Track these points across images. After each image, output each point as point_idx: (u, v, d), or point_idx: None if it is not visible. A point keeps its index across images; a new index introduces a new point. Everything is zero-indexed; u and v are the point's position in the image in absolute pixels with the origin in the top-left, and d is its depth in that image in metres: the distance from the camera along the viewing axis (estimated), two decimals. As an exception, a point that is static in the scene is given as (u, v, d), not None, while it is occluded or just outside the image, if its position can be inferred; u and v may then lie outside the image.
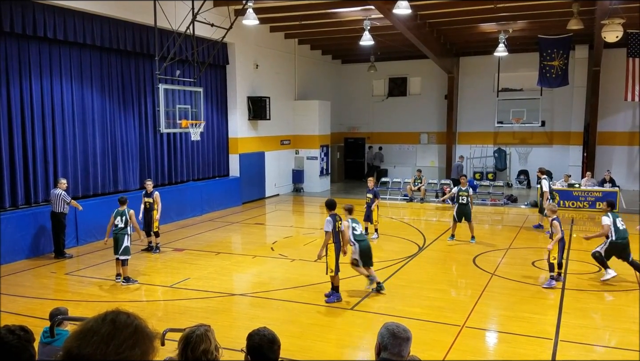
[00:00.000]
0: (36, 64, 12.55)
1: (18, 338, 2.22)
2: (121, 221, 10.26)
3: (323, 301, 9.01)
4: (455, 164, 21.74)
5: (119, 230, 10.23)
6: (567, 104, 23.34)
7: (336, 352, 7.27)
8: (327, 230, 8.77)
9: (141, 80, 15.65)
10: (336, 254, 8.85)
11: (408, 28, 16.75)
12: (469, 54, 24.82)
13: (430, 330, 7.79)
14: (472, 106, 25.14)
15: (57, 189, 12.00)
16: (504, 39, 19.55)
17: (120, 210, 10.38)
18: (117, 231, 10.24)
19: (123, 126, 15.16)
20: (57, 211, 11.98)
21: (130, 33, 14.62)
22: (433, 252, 12.84)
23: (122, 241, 10.16)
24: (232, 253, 13.22)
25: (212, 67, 18.01)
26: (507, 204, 19.53)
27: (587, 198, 18.39)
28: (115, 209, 10.46)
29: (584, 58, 22.74)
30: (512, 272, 10.90)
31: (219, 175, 19.31)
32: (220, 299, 9.40)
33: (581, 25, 16.05)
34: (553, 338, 7.54)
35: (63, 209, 12.01)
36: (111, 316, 1.59)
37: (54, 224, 12.09)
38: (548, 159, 23.63)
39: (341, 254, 8.98)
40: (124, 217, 10.29)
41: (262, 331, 3.32)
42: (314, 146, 23.05)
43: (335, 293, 9.07)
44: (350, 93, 27.50)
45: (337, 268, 8.93)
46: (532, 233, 14.96)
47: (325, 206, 9.09)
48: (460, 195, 13.60)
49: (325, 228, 8.82)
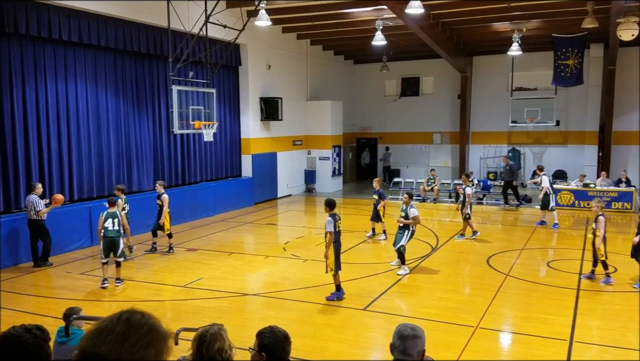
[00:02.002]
0: (51, 66, 12.69)
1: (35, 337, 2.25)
2: (113, 224, 9.91)
3: (336, 302, 9.01)
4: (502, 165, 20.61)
5: (115, 232, 9.93)
6: (582, 103, 23.09)
7: (349, 352, 7.25)
8: (329, 230, 8.83)
9: (155, 81, 15.77)
10: (336, 254, 8.91)
11: (421, 28, 16.67)
12: (483, 53, 24.64)
13: (443, 331, 7.75)
14: (485, 106, 24.96)
15: (32, 195, 11.20)
16: (518, 38, 19.39)
17: (111, 212, 10.01)
18: (113, 234, 9.91)
19: (137, 127, 15.28)
20: (34, 218, 11.15)
21: (144, 35, 14.74)
22: (446, 252, 12.77)
23: (119, 243, 10.00)
24: (245, 253, 13.25)
25: (224, 69, 18.09)
26: (521, 204, 19.35)
27: (602, 198, 18.14)
28: (104, 211, 10.07)
29: (599, 57, 22.47)
30: (526, 273, 10.81)
31: (231, 176, 19.38)
32: (232, 299, 9.43)
33: (596, 24, 15.88)
34: (568, 339, 7.47)
35: (38, 215, 11.16)
36: (126, 315, 1.60)
37: (32, 232, 11.25)
38: (563, 158, 23.41)
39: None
40: (116, 219, 9.96)
41: (273, 329, 3.29)
42: (326, 147, 23.05)
43: (336, 292, 9.11)
44: (362, 93, 27.45)
45: (338, 267, 8.98)
46: (547, 233, 14.83)
47: (326, 205, 9.11)
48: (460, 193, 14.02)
49: (327, 229, 8.87)
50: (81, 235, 12.93)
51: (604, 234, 9.80)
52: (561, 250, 13.31)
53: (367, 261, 12.10)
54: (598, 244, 9.85)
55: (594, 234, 10.02)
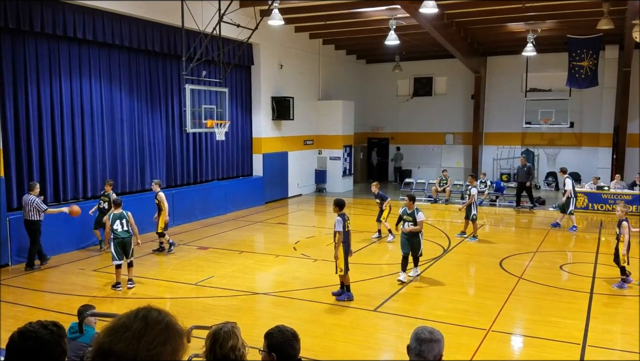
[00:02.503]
0: (66, 64, 12.79)
1: (51, 333, 2.26)
2: (122, 225, 9.65)
3: (346, 302, 8.99)
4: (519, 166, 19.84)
5: (125, 233, 9.67)
6: (597, 105, 22.86)
7: (359, 353, 7.23)
8: (338, 230, 8.83)
9: (168, 80, 15.84)
10: (345, 254, 8.92)
11: (434, 27, 16.60)
12: (497, 53, 24.48)
13: (455, 334, 7.69)
14: (499, 106, 24.80)
15: (30, 195, 10.79)
16: (533, 39, 19.23)
17: (118, 213, 9.73)
18: (124, 235, 9.65)
19: (150, 126, 15.36)
20: (30, 218, 10.78)
21: (158, 34, 14.81)
22: (458, 254, 12.70)
23: (130, 244, 9.75)
24: (255, 252, 13.28)
25: (237, 68, 18.13)
26: (535, 206, 19.19)
27: (616, 200, 17.97)
28: (111, 213, 9.86)
29: (614, 58, 22.23)
30: (539, 276, 10.72)
31: (242, 175, 19.43)
32: (243, 297, 9.45)
33: (611, 25, 15.71)
34: (581, 343, 7.39)
35: (37, 216, 10.81)
36: (143, 312, 1.60)
37: (28, 233, 10.83)
38: (576, 160, 23.18)
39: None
40: (124, 219, 9.69)
41: (282, 328, 3.31)
42: (337, 147, 23.03)
43: (347, 293, 9.10)
44: (374, 93, 27.38)
45: (347, 268, 8.98)
46: (561, 236, 14.69)
47: (335, 205, 9.12)
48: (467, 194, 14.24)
49: (336, 228, 8.89)
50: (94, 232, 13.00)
51: (629, 239, 9.59)
52: (575, 253, 13.19)
53: (377, 262, 12.06)
54: (623, 250, 9.62)
55: (618, 239, 9.82)
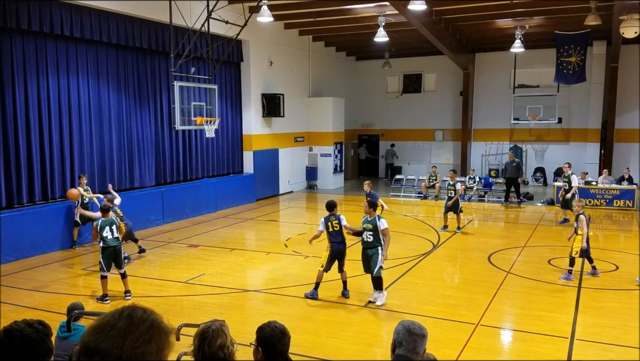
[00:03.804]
0: (53, 61, 12.68)
1: (36, 331, 2.25)
2: (113, 231, 8.89)
3: (337, 298, 9.04)
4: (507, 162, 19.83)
5: (116, 241, 8.93)
6: (585, 100, 23.05)
7: (350, 349, 7.26)
8: (320, 230, 9.24)
9: (157, 77, 15.75)
10: (330, 253, 9.06)
11: (423, 24, 16.64)
12: (485, 50, 24.60)
13: (444, 328, 7.75)
14: (487, 103, 24.92)
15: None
16: (521, 35, 19.34)
17: (106, 220, 8.96)
18: (115, 243, 8.89)
19: (139, 123, 15.28)
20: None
21: (145, 31, 14.72)
22: (447, 250, 12.77)
23: (122, 252, 9.14)
24: (246, 249, 13.27)
25: (226, 65, 18.07)
26: (522, 201, 19.33)
27: (604, 195, 18.16)
28: (99, 220, 9.03)
29: (602, 54, 22.41)
30: (528, 270, 10.81)
31: (233, 172, 19.39)
32: (234, 295, 9.45)
33: (599, 21, 15.84)
34: (569, 337, 7.47)
35: None
36: (128, 311, 1.61)
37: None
38: (565, 156, 23.24)
39: None
40: (113, 226, 8.94)
41: (272, 324, 3.38)
42: (327, 143, 23.04)
43: (313, 290, 9.12)
44: (364, 90, 27.41)
45: (328, 267, 9.06)
46: (549, 231, 14.82)
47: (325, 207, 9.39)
48: (448, 189, 14.78)
49: (319, 228, 9.26)
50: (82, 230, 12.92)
51: (587, 232, 9.97)
52: (562, 248, 13.30)
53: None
54: (583, 242, 9.95)
55: (576, 232, 10.18)
